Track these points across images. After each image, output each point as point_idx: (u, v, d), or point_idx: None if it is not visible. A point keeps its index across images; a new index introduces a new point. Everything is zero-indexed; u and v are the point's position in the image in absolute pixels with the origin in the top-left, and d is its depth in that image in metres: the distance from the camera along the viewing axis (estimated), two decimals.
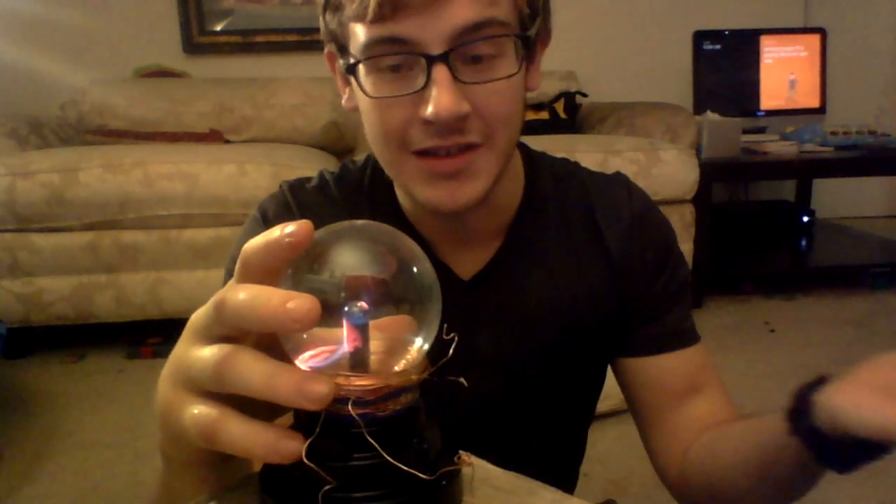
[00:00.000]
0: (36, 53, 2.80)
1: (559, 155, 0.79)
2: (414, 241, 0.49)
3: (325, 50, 0.66)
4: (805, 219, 3.06)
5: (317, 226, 0.45)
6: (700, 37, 2.91)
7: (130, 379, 2.03)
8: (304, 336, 0.45)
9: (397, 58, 0.57)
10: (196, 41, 2.94)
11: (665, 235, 0.75)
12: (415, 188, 0.62)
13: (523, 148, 0.75)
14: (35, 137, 2.42)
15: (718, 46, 2.92)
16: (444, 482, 0.43)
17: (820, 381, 0.53)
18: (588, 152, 2.19)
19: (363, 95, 0.60)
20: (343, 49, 0.61)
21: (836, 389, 0.50)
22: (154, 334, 2.22)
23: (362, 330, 0.42)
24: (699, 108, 2.78)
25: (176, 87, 2.72)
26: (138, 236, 2.08)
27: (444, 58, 0.55)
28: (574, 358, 0.74)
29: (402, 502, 0.41)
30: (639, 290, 0.73)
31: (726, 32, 2.94)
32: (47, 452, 1.63)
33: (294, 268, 0.45)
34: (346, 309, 0.42)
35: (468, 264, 0.71)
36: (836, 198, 3.37)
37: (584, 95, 2.81)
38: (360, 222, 0.53)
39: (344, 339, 0.43)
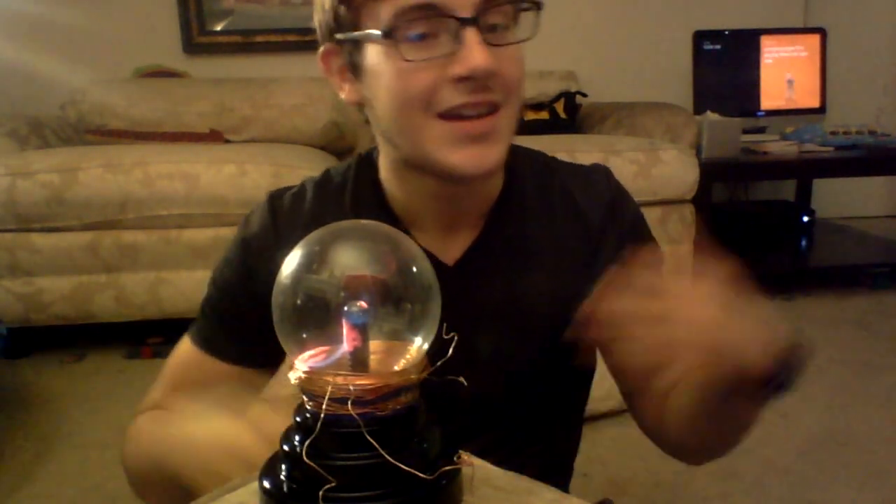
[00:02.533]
0: (36, 53, 2.80)
1: (559, 155, 0.80)
2: (413, 242, 0.49)
3: (322, 49, 0.68)
4: (805, 219, 3.06)
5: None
6: (700, 37, 2.91)
7: (130, 379, 2.03)
8: (304, 336, 0.45)
9: (424, 25, 0.61)
10: (196, 41, 2.94)
11: (639, 221, 0.79)
12: (439, 152, 0.64)
13: None
14: (35, 137, 2.42)
15: (718, 46, 2.92)
16: (443, 482, 0.43)
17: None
18: (588, 152, 2.19)
19: (386, 67, 0.62)
20: (355, 39, 0.64)
21: None
22: (154, 334, 2.22)
23: (362, 329, 0.42)
24: (699, 108, 2.78)
25: (176, 87, 2.71)
26: (138, 236, 2.08)
27: (474, 21, 0.60)
28: (562, 349, 0.74)
29: (402, 502, 0.41)
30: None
31: (726, 32, 2.94)
32: (47, 452, 1.63)
33: (294, 268, 0.45)
34: (345, 309, 0.42)
35: (451, 251, 0.73)
36: (836, 198, 3.37)
37: (584, 95, 2.81)
38: (359, 222, 0.53)
39: (344, 338, 0.43)
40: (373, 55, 0.63)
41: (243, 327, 0.73)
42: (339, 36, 0.65)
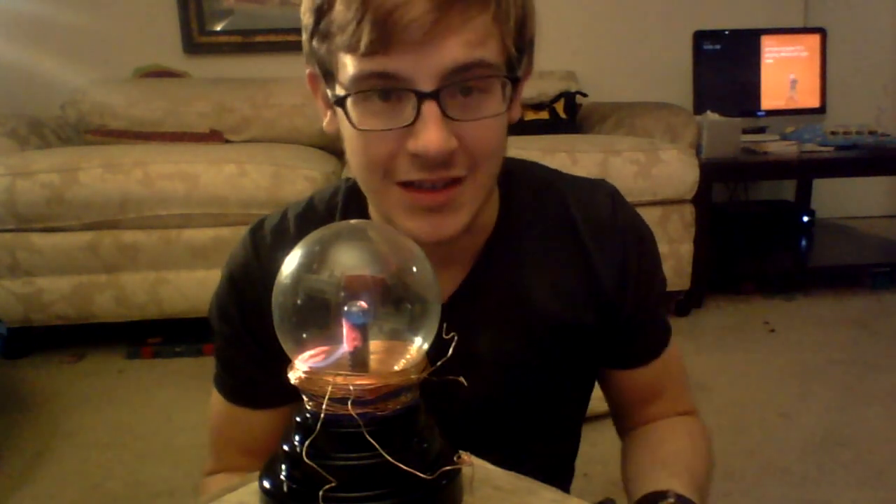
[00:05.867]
0: (36, 53, 2.80)
1: (559, 155, 0.79)
2: (413, 242, 0.49)
3: (307, 71, 0.65)
4: (805, 219, 3.06)
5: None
6: (700, 37, 2.91)
7: (130, 379, 2.03)
8: (304, 336, 0.45)
9: (382, 94, 0.57)
10: (196, 41, 2.94)
11: (649, 247, 0.75)
12: (397, 218, 0.62)
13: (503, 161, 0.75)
14: (35, 137, 2.42)
15: (718, 46, 2.91)
16: (444, 482, 0.43)
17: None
18: (588, 152, 2.18)
19: (349, 125, 0.59)
20: (329, 75, 0.61)
21: None
22: (154, 334, 2.22)
23: (362, 329, 0.42)
24: (699, 108, 2.78)
25: (176, 87, 2.71)
26: (138, 236, 2.08)
27: (434, 95, 0.55)
28: (561, 365, 0.75)
29: (402, 502, 0.41)
30: (625, 300, 0.73)
31: (726, 32, 2.93)
32: (47, 452, 1.63)
33: (294, 268, 0.45)
34: (345, 309, 0.42)
35: (445, 286, 0.70)
36: (836, 198, 3.37)
37: (584, 95, 2.81)
38: (359, 222, 0.53)
39: (344, 338, 0.43)
40: (347, 105, 0.59)
41: (262, 369, 0.70)
42: (310, 69, 0.63)
